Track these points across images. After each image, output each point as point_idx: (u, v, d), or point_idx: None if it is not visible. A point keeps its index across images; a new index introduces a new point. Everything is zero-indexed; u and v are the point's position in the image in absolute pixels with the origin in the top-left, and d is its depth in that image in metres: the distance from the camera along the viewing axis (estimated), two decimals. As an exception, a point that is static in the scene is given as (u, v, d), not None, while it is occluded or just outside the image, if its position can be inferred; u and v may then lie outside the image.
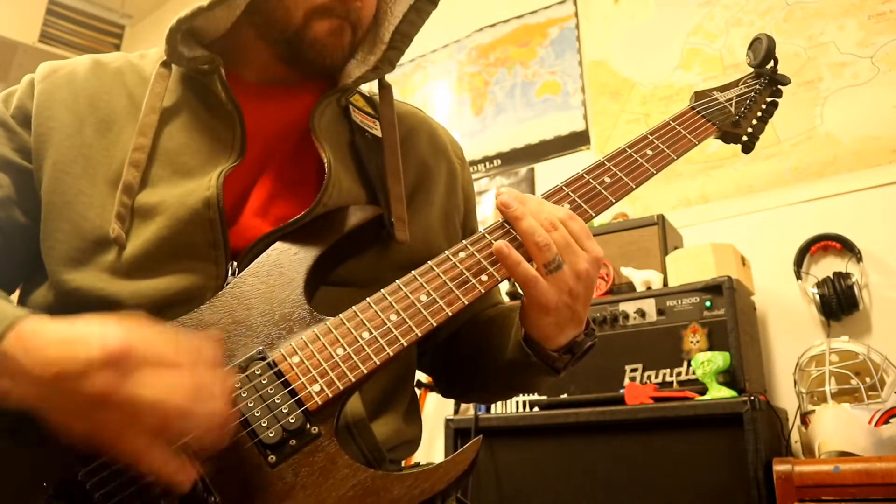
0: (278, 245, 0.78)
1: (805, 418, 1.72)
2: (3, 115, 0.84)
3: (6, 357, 0.61)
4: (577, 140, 2.64)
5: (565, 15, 2.80)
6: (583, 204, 0.81)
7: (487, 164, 2.83)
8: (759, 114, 0.99)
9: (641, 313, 1.80)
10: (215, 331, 0.70)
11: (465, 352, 0.94)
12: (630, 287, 1.92)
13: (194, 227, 0.76)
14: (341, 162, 0.85)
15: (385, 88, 0.95)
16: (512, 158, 2.79)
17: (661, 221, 2.00)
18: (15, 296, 0.85)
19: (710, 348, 1.68)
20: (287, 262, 0.77)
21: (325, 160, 0.83)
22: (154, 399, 0.57)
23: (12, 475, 0.64)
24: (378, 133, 0.92)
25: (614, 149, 0.87)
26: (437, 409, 2.52)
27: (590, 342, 0.81)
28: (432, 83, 3.09)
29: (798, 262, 2.05)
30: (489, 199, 2.78)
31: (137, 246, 0.76)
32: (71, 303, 0.75)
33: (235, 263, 0.77)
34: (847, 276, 1.94)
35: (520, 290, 0.76)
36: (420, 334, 0.72)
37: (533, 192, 2.69)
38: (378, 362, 0.70)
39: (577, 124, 2.66)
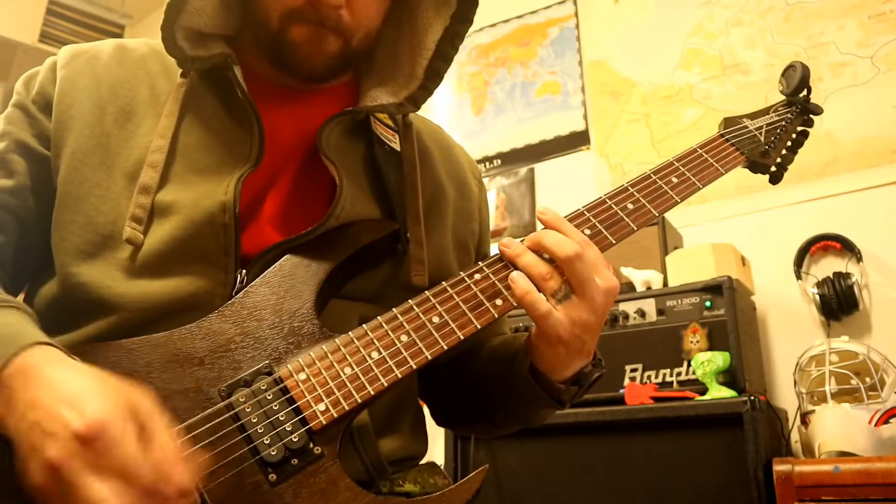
0: (290, 256, 0.76)
1: (805, 418, 1.72)
2: (23, 100, 0.82)
3: (5, 386, 0.59)
4: (577, 140, 2.64)
5: (565, 15, 2.80)
6: (603, 230, 0.78)
7: (487, 164, 2.83)
8: (789, 143, 0.96)
9: (641, 313, 1.80)
10: (202, 465, 0.63)
11: (466, 382, 0.91)
12: (630, 287, 1.92)
13: (208, 230, 0.75)
14: (354, 177, 0.83)
15: (408, 127, 0.92)
16: (512, 158, 2.79)
17: (661, 221, 2.00)
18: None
19: (710, 348, 1.68)
20: (299, 274, 0.75)
21: (336, 177, 0.80)
22: (96, 499, 0.54)
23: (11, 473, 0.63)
24: (397, 147, 0.89)
25: (639, 174, 0.84)
26: (437, 409, 2.52)
27: (597, 373, 0.79)
28: (432, 83, 3.09)
29: (798, 262, 2.06)
30: (489, 200, 2.78)
31: (149, 245, 0.75)
32: (76, 298, 0.74)
33: (244, 272, 0.76)
34: (847, 276, 1.94)
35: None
36: (430, 357, 0.70)
37: (532, 192, 2.69)
38: (386, 384, 0.69)
39: (577, 124, 2.66)
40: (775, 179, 0.97)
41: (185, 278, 0.74)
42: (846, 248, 2.01)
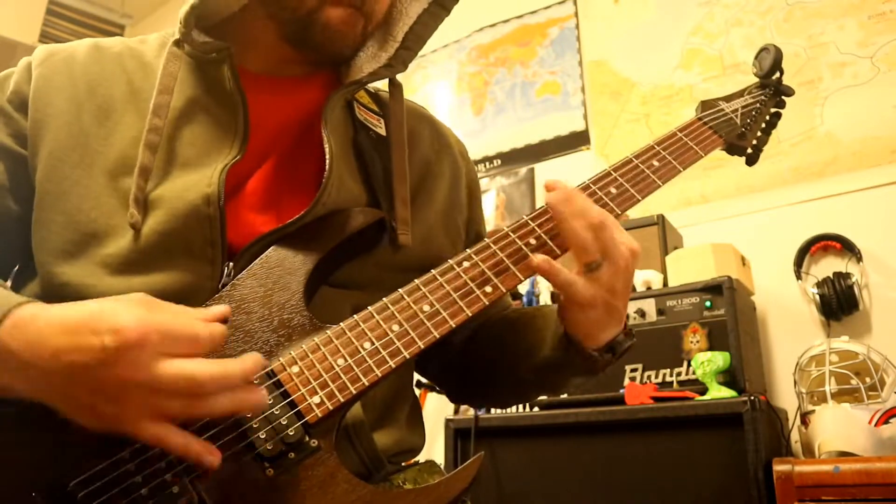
0: (277, 247, 0.76)
1: (805, 418, 1.72)
2: None
3: (4, 350, 0.59)
4: (577, 140, 2.64)
5: (565, 15, 2.80)
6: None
7: (487, 164, 2.83)
8: (763, 125, 0.98)
9: (641, 313, 1.80)
10: (223, 308, 0.66)
11: (485, 354, 0.91)
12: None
13: (192, 223, 0.74)
14: (343, 160, 0.83)
15: (396, 86, 0.94)
16: (512, 158, 2.79)
17: (661, 221, 2.00)
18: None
19: (710, 348, 1.68)
20: (287, 265, 0.75)
21: (328, 155, 0.80)
22: (178, 372, 0.56)
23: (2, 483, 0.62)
24: (382, 131, 0.90)
25: (620, 159, 0.86)
26: (436, 409, 2.52)
27: (629, 342, 0.80)
28: (432, 83, 3.09)
29: (798, 262, 2.05)
30: (489, 200, 2.78)
31: (133, 241, 0.74)
32: (59, 299, 0.71)
33: (231, 264, 0.75)
34: (847, 276, 1.94)
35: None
36: (423, 346, 0.70)
37: (532, 192, 2.69)
38: (380, 374, 0.69)
39: (577, 124, 2.66)
40: (751, 161, 0.99)
41: (171, 273, 0.73)
42: (846, 248, 2.01)
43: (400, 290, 0.73)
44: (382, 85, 0.96)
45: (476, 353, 0.93)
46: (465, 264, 0.75)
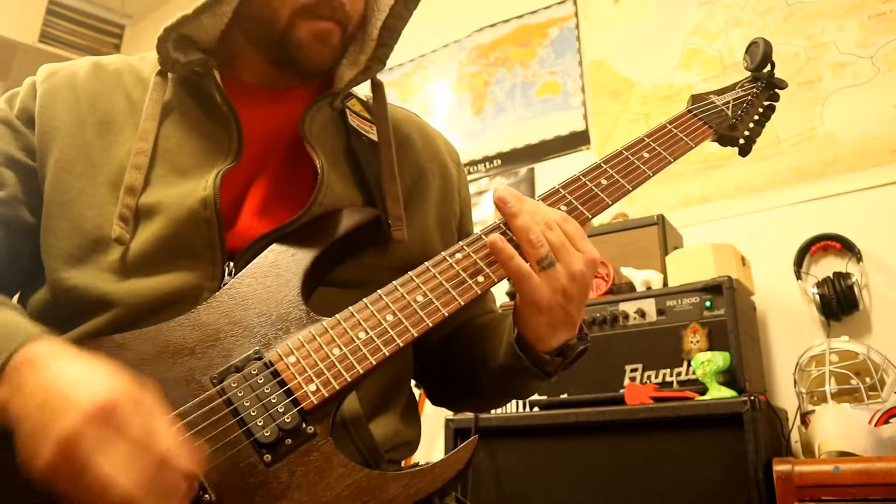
0: (275, 246, 0.79)
1: (805, 418, 1.72)
2: (7, 116, 0.85)
3: (14, 371, 0.61)
4: (577, 140, 2.64)
5: (565, 15, 2.80)
6: (579, 206, 0.81)
7: (487, 164, 2.83)
8: (756, 117, 0.99)
9: (641, 313, 1.80)
10: (202, 454, 0.63)
11: (456, 358, 0.93)
12: (630, 287, 1.92)
13: (192, 227, 0.77)
14: (335, 166, 0.86)
15: (378, 87, 0.95)
16: (512, 158, 2.79)
17: (661, 221, 2.00)
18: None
19: (710, 348, 1.68)
20: (284, 263, 0.77)
21: (318, 165, 0.83)
22: (106, 473, 0.55)
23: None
24: (374, 137, 0.92)
25: (611, 151, 0.87)
26: (436, 409, 2.51)
27: (582, 346, 0.80)
28: (432, 83, 3.09)
29: (798, 262, 2.05)
30: (489, 200, 2.78)
31: (136, 246, 0.77)
32: (67, 301, 0.76)
33: (232, 264, 0.78)
34: (847, 276, 1.94)
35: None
36: (416, 334, 0.72)
37: (532, 192, 2.69)
38: (374, 362, 0.70)
39: (577, 124, 2.66)
40: (744, 151, 1.00)
41: (174, 274, 0.76)
42: (846, 248, 2.01)
43: (394, 282, 0.75)
44: (366, 88, 0.97)
45: (448, 358, 0.94)
46: (458, 256, 0.77)
